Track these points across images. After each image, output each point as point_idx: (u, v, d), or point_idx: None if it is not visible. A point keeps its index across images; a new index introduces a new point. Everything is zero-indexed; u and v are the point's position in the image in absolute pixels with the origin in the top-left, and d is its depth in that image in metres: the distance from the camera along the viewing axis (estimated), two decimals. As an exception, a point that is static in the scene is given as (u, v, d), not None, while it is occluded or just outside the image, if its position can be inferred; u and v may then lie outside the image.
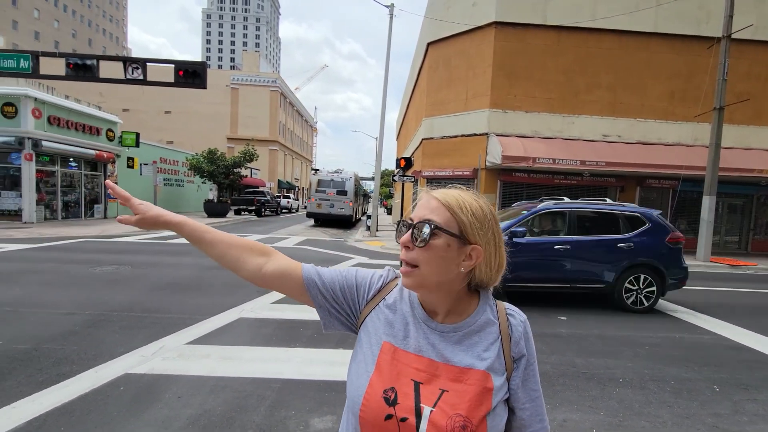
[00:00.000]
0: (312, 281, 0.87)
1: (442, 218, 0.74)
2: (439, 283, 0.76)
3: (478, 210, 0.76)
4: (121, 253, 8.91)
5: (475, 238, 0.75)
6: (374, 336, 0.82)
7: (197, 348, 3.76)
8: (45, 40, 58.67)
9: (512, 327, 0.81)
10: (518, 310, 0.85)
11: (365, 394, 0.76)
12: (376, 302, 0.86)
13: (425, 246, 0.73)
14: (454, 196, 0.76)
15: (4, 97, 13.40)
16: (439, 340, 0.79)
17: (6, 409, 2.59)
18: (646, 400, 3.18)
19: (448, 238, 0.73)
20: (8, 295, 5.20)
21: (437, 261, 0.74)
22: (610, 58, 13.64)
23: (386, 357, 0.79)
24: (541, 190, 14.48)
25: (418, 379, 0.75)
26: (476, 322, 0.80)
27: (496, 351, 0.78)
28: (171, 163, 23.80)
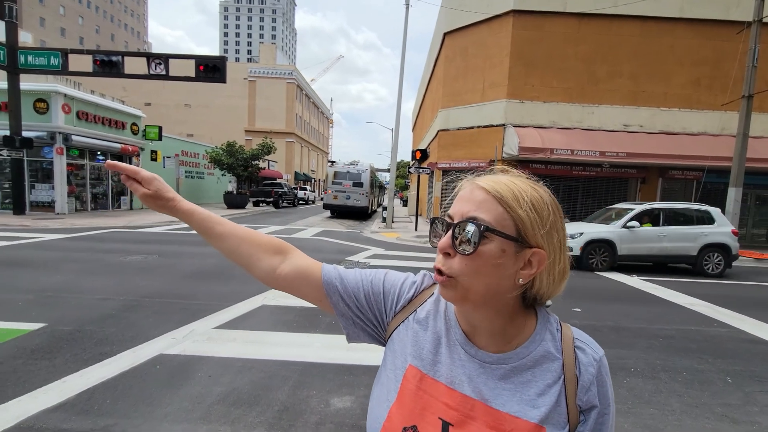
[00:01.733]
0: (333, 286, 0.73)
1: (493, 215, 0.57)
2: (487, 298, 0.59)
3: (539, 202, 0.58)
4: (148, 243, 9.33)
5: (536, 239, 0.58)
6: (400, 357, 0.68)
7: (224, 332, 4.00)
8: (70, 37, 60.38)
9: (581, 366, 0.60)
10: (593, 341, 0.64)
11: (382, 429, 0.63)
12: (406, 314, 0.71)
13: (473, 253, 0.56)
14: (507, 185, 0.59)
15: (36, 93, 14.00)
16: (478, 372, 0.62)
17: (58, 383, 2.87)
18: (656, 389, 3.25)
19: (503, 241, 0.56)
20: (51, 281, 5.58)
21: (487, 271, 0.57)
22: (632, 46, 13.28)
23: (410, 385, 0.64)
24: (559, 181, 14.32)
25: (447, 419, 0.60)
26: (530, 354, 0.61)
27: (556, 396, 0.59)
28: (192, 156, 24.42)
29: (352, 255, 8.93)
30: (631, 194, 14.48)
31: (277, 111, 47.79)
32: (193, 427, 2.44)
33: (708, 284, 7.58)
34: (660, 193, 14.11)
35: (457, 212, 0.59)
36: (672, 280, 7.71)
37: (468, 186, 0.62)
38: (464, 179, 0.64)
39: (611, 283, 7.33)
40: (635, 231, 8.49)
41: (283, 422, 2.54)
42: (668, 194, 14.30)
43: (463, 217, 0.58)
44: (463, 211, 0.59)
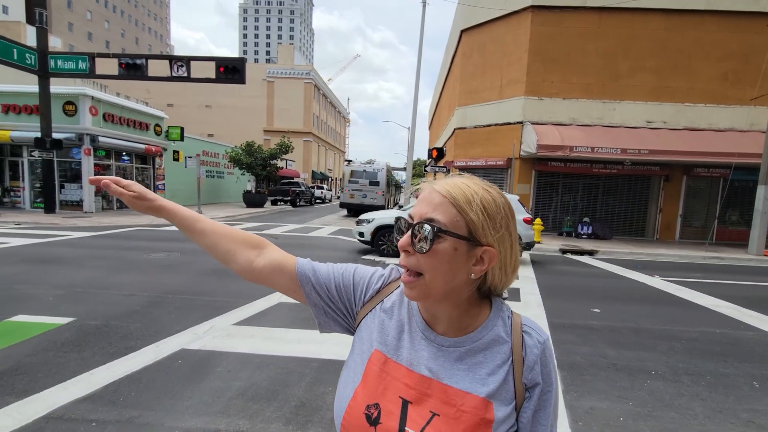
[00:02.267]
0: (306, 277, 0.79)
1: (447, 217, 0.62)
2: (446, 293, 0.65)
3: (490, 204, 0.64)
4: (170, 241, 9.60)
5: (486, 238, 0.63)
6: (366, 342, 0.74)
7: (243, 328, 4.10)
8: (97, 41, 62.46)
9: (527, 348, 0.67)
10: (539, 327, 0.70)
11: (347, 407, 0.68)
12: (373, 305, 0.77)
13: (428, 251, 0.62)
14: (461, 188, 0.64)
15: (66, 96, 14.56)
16: (436, 355, 0.68)
17: (86, 375, 3.00)
18: (678, 392, 3.18)
19: (455, 241, 0.62)
20: (79, 277, 5.83)
21: (443, 268, 0.62)
22: (655, 40, 12.87)
23: (374, 368, 0.70)
24: (579, 179, 14.04)
25: (407, 397, 0.66)
26: (482, 338, 0.67)
27: (504, 375, 0.65)
28: (212, 156, 24.94)
29: (369, 254, 8.98)
30: (653, 192, 14.07)
31: (294, 111, 48.32)
32: (213, 420, 2.52)
33: (734, 285, 7.30)
34: (684, 191, 13.66)
35: (417, 213, 0.64)
36: (696, 281, 7.47)
37: (427, 189, 0.67)
38: (425, 182, 0.69)
39: (631, 283, 7.15)
40: None
41: (299, 418, 2.60)
42: (693, 192, 13.83)
43: (421, 218, 0.63)
44: (421, 213, 0.64)
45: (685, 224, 13.94)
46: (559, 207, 14.43)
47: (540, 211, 14.00)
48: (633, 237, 14.03)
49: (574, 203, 14.38)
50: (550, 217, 14.33)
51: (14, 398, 2.66)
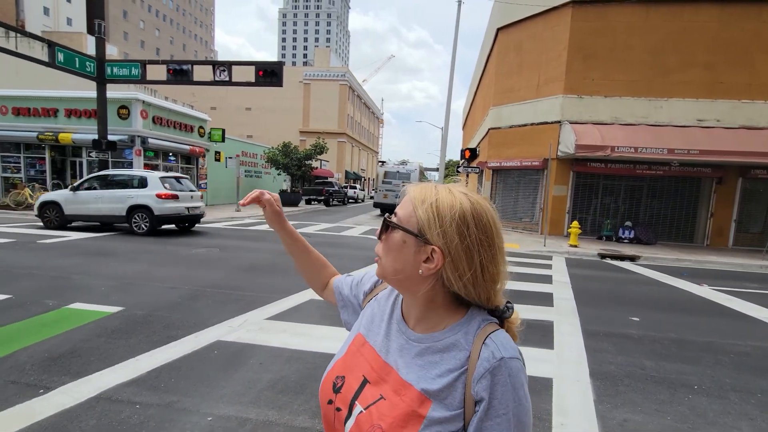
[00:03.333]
0: (336, 288, 0.99)
1: (404, 212, 0.70)
2: (397, 280, 0.71)
3: (444, 207, 0.66)
4: (210, 237, 10.09)
5: (433, 237, 0.66)
6: (356, 326, 0.86)
7: (275, 323, 4.26)
8: (148, 48, 66.51)
9: (478, 360, 0.65)
10: (508, 345, 0.66)
11: (326, 375, 0.79)
12: (371, 297, 0.88)
13: (382, 238, 0.73)
14: (423, 190, 0.70)
15: (120, 101, 15.64)
16: (402, 347, 0.73)
17: (132, 361, 3.24)
18: (724, 410, 2.98)
19: (404, 234, 0.68)
20: (130, 270, 6.27)
21: (393, 255, 0.70)
22: (708, 33, 12.02)
23: (354, 347, 0.80)
24: (621, 181, 13.39)
25: (368, 377, 0.73)
26: (442, 340, 0.70)
27: (452, 380, 0.66)
28: (251, 156, 25.89)
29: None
30: (704, 195, 13.15)
31: (329, 112, 49.19)
32: (245, 410, 2.65)
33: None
34: (740, 194, 12.66)
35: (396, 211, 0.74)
36: (750, 292, 6.92)
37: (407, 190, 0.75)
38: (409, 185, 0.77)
39: (676, 291, 6.74)
40: (77, 194, 9.97)
41: (325, 412, 2.68)
42: (750, 196, 12.80)
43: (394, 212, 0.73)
44: (396, 210, 0.73)
45: (740, 230, 12.92)
46: (599, 210, 13.80)
47: (578, 214, 13.45)
48: (680, 243, 13.18)
49: (615, 206, 13.71)
50: (588, 220, 13.74)
51: (70, 378, 2.92)
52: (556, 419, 2.72)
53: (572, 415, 2.79)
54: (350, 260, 7.84)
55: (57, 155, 16.88)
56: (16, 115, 16.24)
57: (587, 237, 13.19)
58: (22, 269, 5.93)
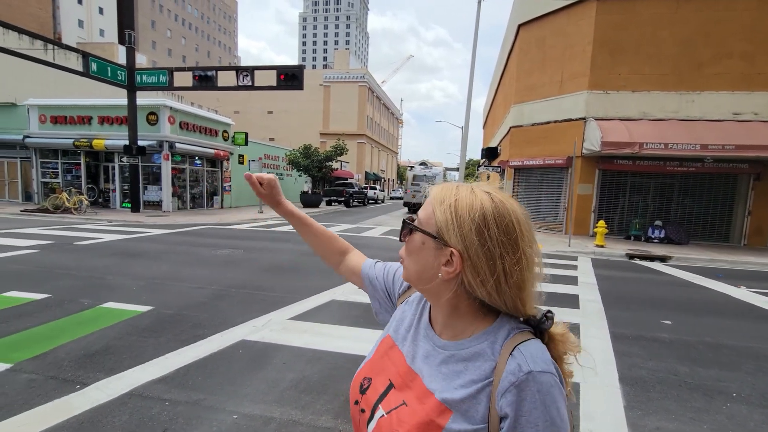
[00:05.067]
0: (365, 274, 0.97)
1: (424, 214, 0.68)
2: (420, 282, 0.70)
3: (463, 207, 0.63)
4: (235, 239, 10.33)
5: (451, 239, 0.63)
6: (387, 327, 0.84)
7: (297, 323, 4.32)
8: (175, 56, 68.79)
9: (503, 373, 0.60)
10: (538, 358, 0.60)
11: (355, 375, 0.79)
12: (404, 298, 0.87)
13: (403, 240, 0.72)
14: (443, 190, 0.68)
15: (149, 107, 16.24)
16: (428, 352, 0.71)
17: (161, 359, 3.35)
18: (766, 419, 2.82)
19: (423, 235, 0.67)
20: (158, 270, 6.49)
21: (413, 257, 0.69)
22: (745, 22, 11.42)
23: (382, 349, 0.79)
24: (650, 179, 12.91)
25: (394, 382, 0.72)
26: (467, 348, 0.66)
27: (475, 392, 0.62)
28: (273, 159, 26.37)
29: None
30: (740, 193, 12.50)
31: (349, 113, 49.54)
32: (269, 408, 2.70)
33: None
34: (782, 191, 11.97)
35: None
36: (795, 295, 6.53)
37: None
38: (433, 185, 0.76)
39: (711, 293, 6.43)
40: None
41: (347, 413, 2.69)
42: (793, 193, 12.09)
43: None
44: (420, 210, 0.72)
45: (782, 229, 12.22)
46: (626, 209, 13.34)
47: (604, 213, 13.04)
48: (714, 242, 12.58)
49: (643, 204, 13.21)
50: (615, 219, 13.30)
51: (104, 375, 3.05)
52: (584, 425, 2.64)
53: (601, 421, 2.71)
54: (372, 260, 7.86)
55: (91, 161, 17.70)
56: (54, 123, 17.12)
57: (614, 237, 12.77)
58: (60, 269, 6.23)
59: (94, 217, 13.49)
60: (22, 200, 18.59)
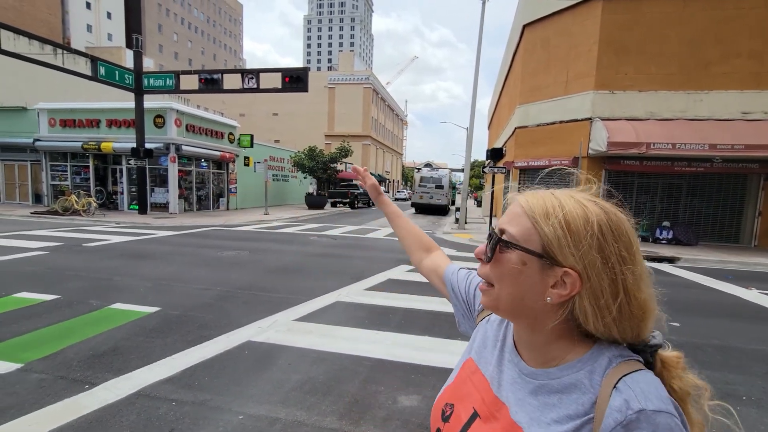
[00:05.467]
0: (448, 280, 0.91)
1: (520, 229, 0.59)
2: (515, 310, 0.61)
3: (576, 221, 0.56)
4: (240, 240, 10.39)
5: (566, 258, 0.55)
6: (468, 349, 0.78)
7: (302, 324, 4.33)
8: (182, 59, 69.43)
9: (607, 409, 0.52)
10: (650, 391, 0.51)
11: (436, 400, 0.75)
12: (483, 315, 0.80)
13: (492, 260, 0.61)
14: (544, 200, 0.60)
15: (156, 110, 16.41)
16: (514, 380, 0.64)
17: (168, 359, 3.38)
18: (777, 424, 2.78)
19: (524, 255, 0.58)
20: (165, 271, 6.55)
21: (510, 280, 0.59)
22: (754, 20, 11.29)
23: (464, 373, 0.73)
24: (657, 179, 12.80)
25: (479, 411, 0.66)
26: (560, 378, 0.58)
27: (572, 429, 0.54)
28: (278, 161, 26.50)
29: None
30: (751, 193, 12.34)
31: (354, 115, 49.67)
32: (274, 409, 2.71)
33: None
34: (793, 191, 11.81)
35: (499, 224, 0.64)
36: (807, 297, 6.43)
37: (512, 200, 0.65)
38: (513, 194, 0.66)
39: (720, 295, 6.36)
40: None
41: (352, 414, 2.70)
42: (805, 193, 11.91)
43: (496, 229, 0.63)
44: (500, 224, 0.63)
45: (794, 230, 12.04)
46: (634, 209, 13.05)
47: (611, 214, 12.93)
48: (724, 243, 12.42)
49: (651, 205, 13.09)
50: (623, 220, 13.18)
51: (112, 375, 3.08)
52: (590, 428, 2.62)
53: (607, 423, 2.68)
54: (378, 262, 7.87)
55: (99, 163, 17.90)
56: (63, 126, 17.35)
57: (622, 238, 12.65)
58: (69, 271, 6.31)
59: (102, 219, 13.65)
60: (32, 202, 18.85)
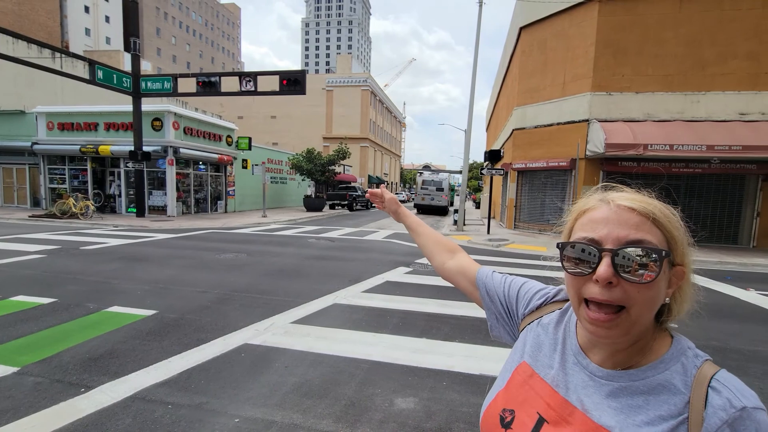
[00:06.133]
0: (481, 282, 0.88)
1: (657, 238, 0.56)
2: (639, 327, 0.58)
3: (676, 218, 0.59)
4: (239, 243, 10.38)
5: (681, 257, 0.58)
6: (518, 353, 0.75)
7: (299, 327, 4.32)
8: (180, 62, 69.49)
9: (709, 408, 0.52)
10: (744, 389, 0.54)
11: (487, 407, 0.71)
12: (532, 319, 0.78)
13: (655, 280, 0.55)
14: (650, 202, 0.59)
15: (154, 113, 16.41)
16: (585, 383, 0.62)
17: (165, 362, 3.36)
18: (774, 424, 2.78)
19: (665, 263, 0.56)
20: (163, 274, 6.53)
21: (656, 297, 0.56)
22: (751, 21, 11.36)
23: (519, 377, 0.70)
24: (655, 180, 12.75)
25: (544, 416, 0.63)
26: (646, 379, 0.58)
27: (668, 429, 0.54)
28: (276, 163, 26.51)
29: (421, 257, 8.95)
30: (749, 194, 12.38)
31: (352, 117, 49.71)
32: (271, 412, 2.70)
33: None
34: (790, 191, 11.84)
35: (609, 237, 0.57)
36: (804, 297, 6.44)
37: (604, 206, 0.60)
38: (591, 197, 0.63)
39: (719, 296, 6.36)
40: None
41: (349, 416, 2.69)
42: (802, 193, 11.94)
43: (620, 242, 0.56)
44: (619, 236, 0.56)
45: (792, 230, 12.07)
46: (632, 210, 13.22)
47: (609, 215, 12.94)
48: (722, 244, 12.44)
49: (649, 206, 13.10)
50: (621, 221, 13.19)
51: (108, 378, 3.07)
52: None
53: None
54: (375, 264, 7.87)
55: (97, 166, 17.88)
56: (61, 129, 17.34)
57: (620, 239, 12.65)
58: (67, 274, 6.29)
59: (100, 222, 13.62)
60: (30, 206, 18.82)
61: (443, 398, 2.97)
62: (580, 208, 0.65)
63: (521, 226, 15.49)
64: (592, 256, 0.57)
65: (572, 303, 0.63)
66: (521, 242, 12.07)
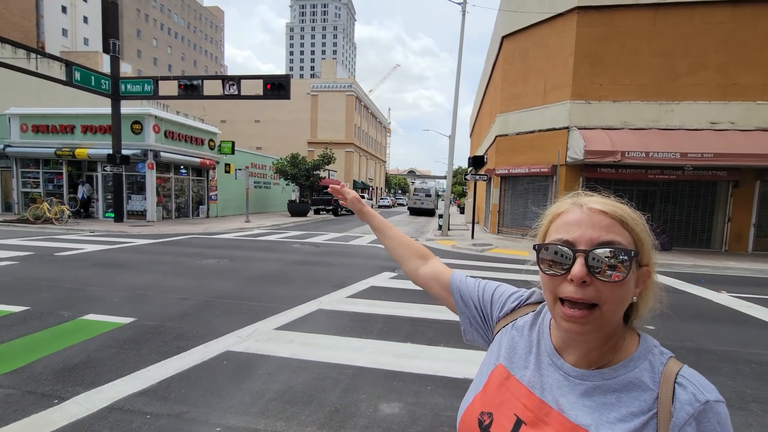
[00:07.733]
0: (455, 288, 0.88)
1: (625, 239, 0.59)
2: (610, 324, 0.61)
3: (643, 222, 0.63)
4: (221, 248, 10.20)
5: (647, 257, 0.62)
6: (494, 355, 0.76)
7: (283, 333, 4.26)
8: (161, 65, 68.25)
9: (677, 403, 0.56)
10: (705, 383, 0.58)
11: (465, 411, 0.72)
12: (506, 322, 0.79)
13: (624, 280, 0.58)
14: (618, 206, 0.63)
15: (133, 116, 16.04)
16: (560, 384, 0.64)
17: (143, 371, 3.27)
18: (746, 422, 2.89)
19: (633, 263, 0.59)
20: (141, 281, 6.36)
21: (622, 293, 0.59)
22: (721, 34, 11.89)
23: (496, 380, 0.71)
24: (632, 186, 13.20)
25: (522, 417, 0.64)
26: (617, 377, 0.60)
27: (638, 425, 0.57)
28: (260, 168, 26.22)
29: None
30: (720, 199, 12.88)
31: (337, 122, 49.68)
32: (253, 420, 2.65)
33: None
34: (758, 197, 12.36)
35: (582, 238, 0.59)
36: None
37: (577, 210, 0.63)
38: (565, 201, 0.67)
39: (693, 299, 6.58)
40: None
41: (333, 423, 2.66)
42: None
43: (593, 243, 0.59)
44: (592, 237, 0.59)
45: (760, 235, 12.59)
46: (611, 215, 13.57)
47: (589, 220, 13.25)
48: (696, 248, 12.90)
49: (627, 211, 13.48)
50: (600, 226, 13.52)
51: (83, 389, 2.96)
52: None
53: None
54: (360, 269, 7.84)
55: (74, 170, 17.34)
56: (36, 132, 16.77)
57: (599, 243, 12.96)
58: (40, 281, 6.06)
59: (75, 227, 13.18)
60: (1, 210, 18.08)
61: (428, 403, 2.97)
62: (555, 211, 0.67)
63: (505, 230, 15.72)
64: (566, 258, 0.60)
65: (548, 303, 0.65)
66: (505, 247, 12.24)
